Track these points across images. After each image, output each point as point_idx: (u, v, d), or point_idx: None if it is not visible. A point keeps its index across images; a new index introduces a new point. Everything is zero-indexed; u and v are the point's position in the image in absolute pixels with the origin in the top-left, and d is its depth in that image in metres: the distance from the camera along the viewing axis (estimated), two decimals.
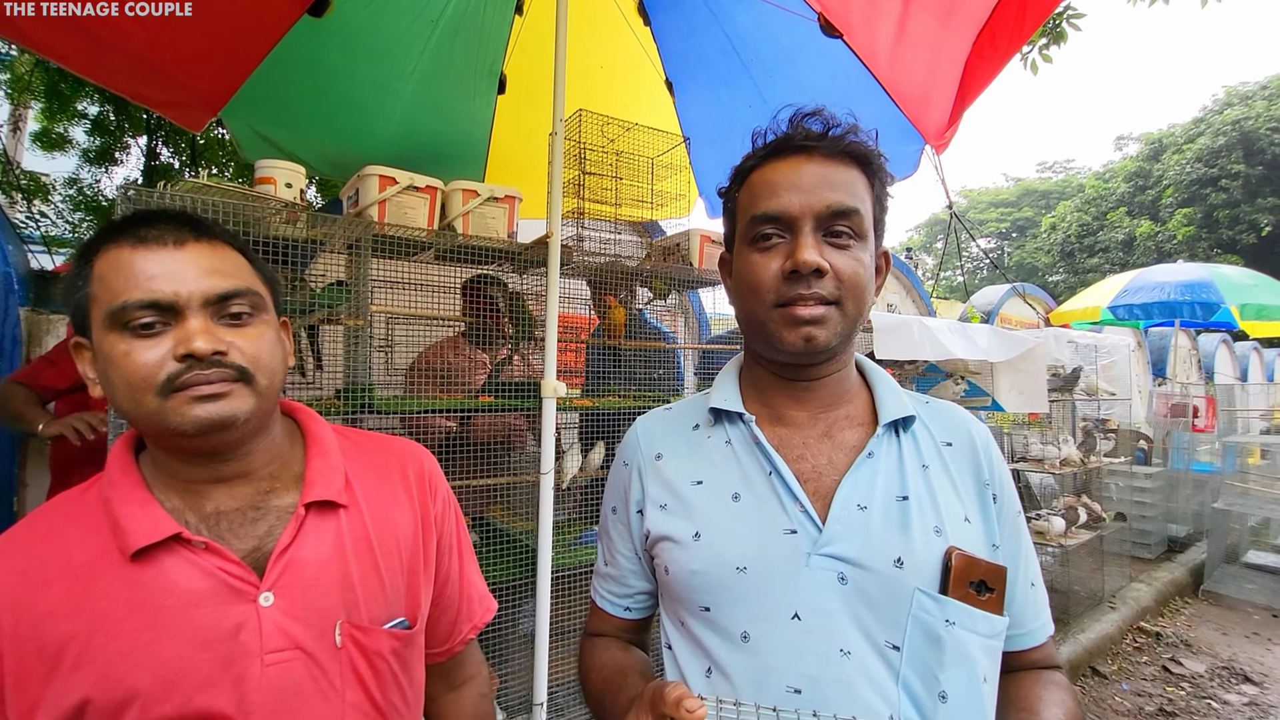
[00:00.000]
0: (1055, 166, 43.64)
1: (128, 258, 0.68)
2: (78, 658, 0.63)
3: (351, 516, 0.78)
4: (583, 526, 2.28)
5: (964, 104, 2.00)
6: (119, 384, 0.67)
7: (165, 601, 0.66)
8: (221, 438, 0.70)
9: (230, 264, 0.73)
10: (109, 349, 0.67)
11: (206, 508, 0.72)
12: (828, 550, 0.70)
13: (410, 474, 0.87)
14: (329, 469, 0.78)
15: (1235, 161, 23.79)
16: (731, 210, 0.83)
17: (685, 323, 3.97)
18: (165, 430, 0.67)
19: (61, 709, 0.62)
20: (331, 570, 0.74)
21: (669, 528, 0.78)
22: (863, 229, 0.74)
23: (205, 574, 0.68)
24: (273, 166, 1.71)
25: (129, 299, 0.66)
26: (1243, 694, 3.33)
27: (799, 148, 0.75)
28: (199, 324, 0.68)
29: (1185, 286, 6.30)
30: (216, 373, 0.68)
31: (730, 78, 2.43)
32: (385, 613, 0.78)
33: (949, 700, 0.66)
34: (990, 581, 0.70)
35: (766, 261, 0.74)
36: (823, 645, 0.68)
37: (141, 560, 0.66)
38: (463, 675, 0.95)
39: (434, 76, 2.40)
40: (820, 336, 0.72)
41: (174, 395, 0.66)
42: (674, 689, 0.56)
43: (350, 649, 0.74)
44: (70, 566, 0.66)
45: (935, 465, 0.77)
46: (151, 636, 0.65)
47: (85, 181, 6.65)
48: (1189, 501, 5.77)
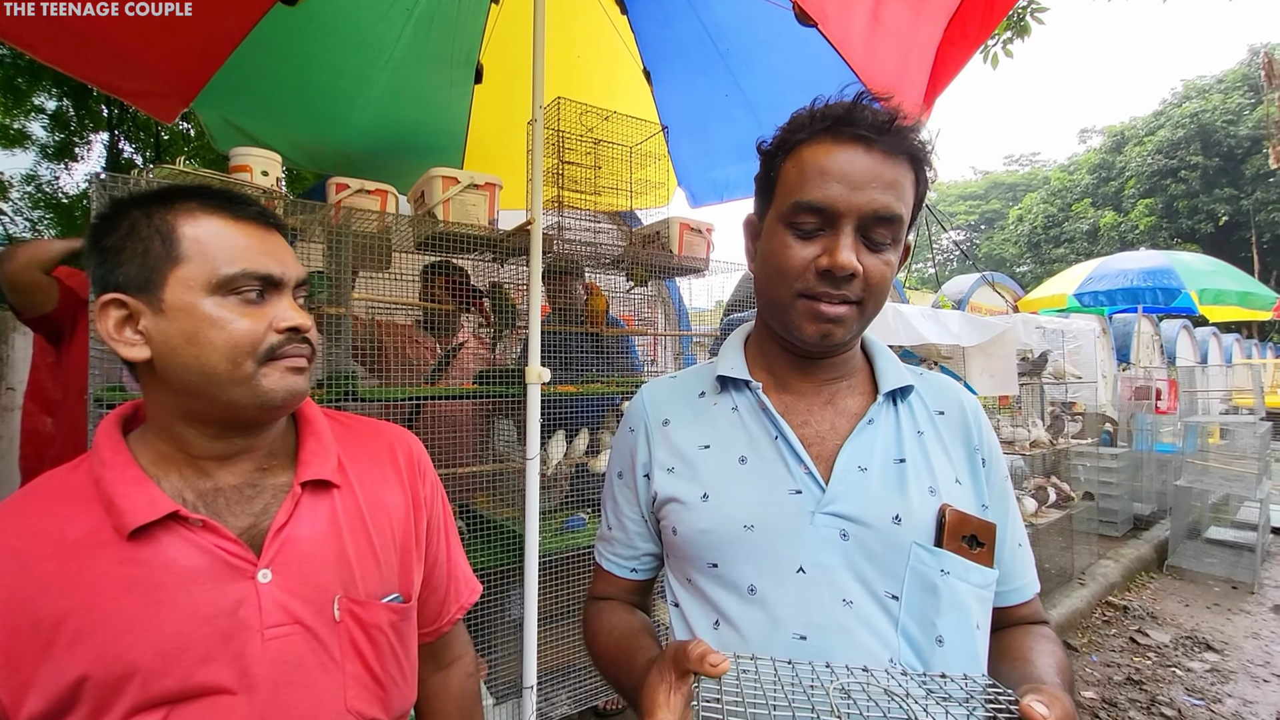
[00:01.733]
0: (1022, 159, 44.60)
1: (230, 229, 0.71)
2: (75, 634, 0.63)
3: (345, 495, 0.79)
4: (568, 513, 2.30)
5: (935, 92, 2.04)
6: (219, 345, 0.68)
7: (163, 579, 0.66)
8: (286, 410, 0.75)
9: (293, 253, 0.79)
10: (208, 311, 0.68)
11: (204, 485, 0.73)
12: (830, 509, 0.73)
13: (400, 457, 0.89)
14: (322, 449, 0.80)
15: (1194, 153, 24.58)
16: (771, 179, 0.79)
17: (664, 312, 4.00)
18: (253, 396, 0.70)
19: (59, 685, 0.62)
20: (328, 547, 0.75)
21: (677, 490, 0.81)
22: (900, 236, 0.74)
23: (203, 551, 0.68)
24: (248, 154, 1.69)
25: (246, 268, 0.70)
26: (1205, 661, 3.47)
27: (859, 135, 0.71)
28: (292, 302, 0.74)
29: (1147, 273, 6.52)
30: (306, 347, 0.74)
31: (707, 67, 2.45)
32: (381, 588, 0.79)
33: (945, 644, 0.70)
34: (981, 536, 0.74)
35: (801, 249, 0.73)
36: (826, 596, 0.71)
37: (138, 538, 0.66)
38: (450, 655, 0.98)
39: (409, 66, 2.38)
40: (837, 334, 0.74)
41: (270, 363, 0.71)
42: (696, 646, 0.58)
43: (349, 623, 0.75)
44: (64, 543, 0.66)
45: (929, 432, 0.81)
46: (151, 613, 0.65)
47: (44, 178, 6.44)
48: (1153, 481, 5.97)
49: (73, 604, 0.64)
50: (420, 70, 2.42)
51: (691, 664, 0.57)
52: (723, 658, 0.57)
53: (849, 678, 0.60)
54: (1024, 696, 0.55)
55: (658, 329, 3.70)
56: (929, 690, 0.59)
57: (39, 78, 5.50)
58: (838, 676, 0.60)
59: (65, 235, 6.52)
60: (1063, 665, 0.75)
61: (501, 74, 2.55)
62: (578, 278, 2.48)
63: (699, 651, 0.57)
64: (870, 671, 0.61)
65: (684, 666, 0.58)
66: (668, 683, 0.59)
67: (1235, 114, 24.08)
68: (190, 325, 0.68)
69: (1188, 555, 5.04)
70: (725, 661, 0.57)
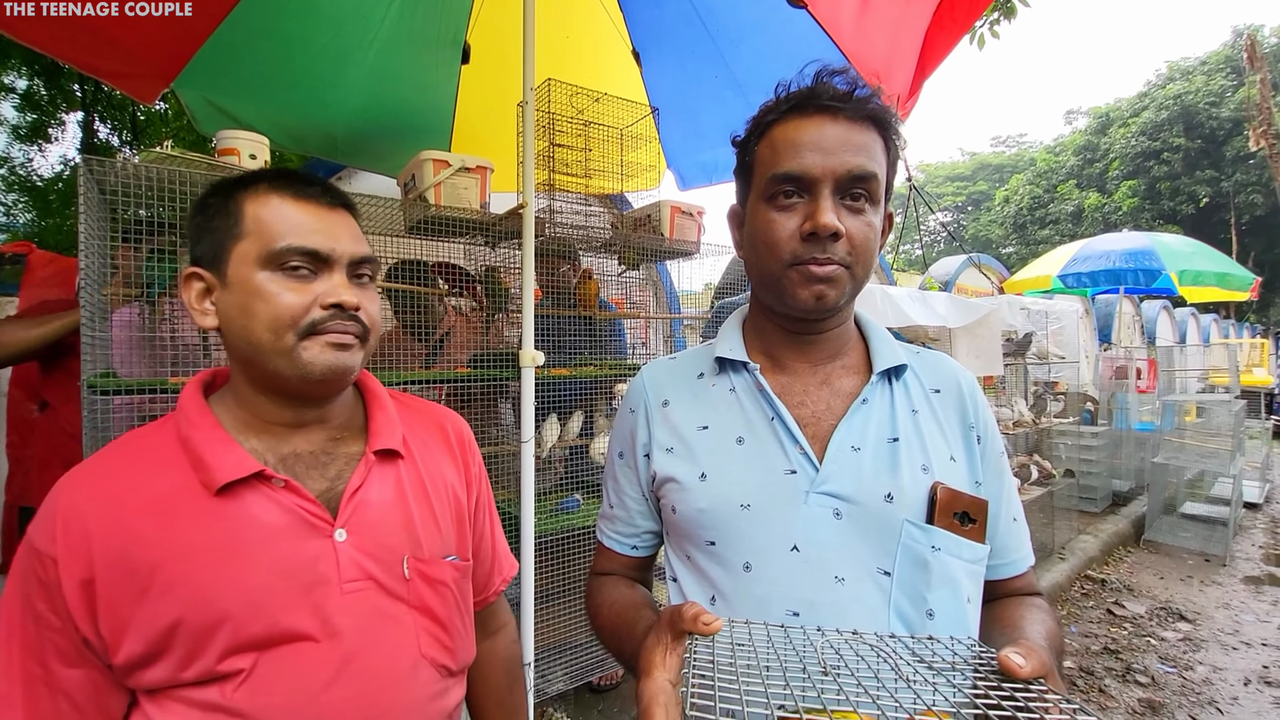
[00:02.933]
0: (1009, 140, 44.71)
1: (290, 207, 0.75)
2: (168, 582, 0.67)
3: (409, 465, 0.85)
4: (563, 494, 2.32)
5: (924, 74, 2.05)
6: (263, 316, 0.72)
7: (247, 534, 0.71)
8: (333, 385, 0.78)
9: (361, 234, 0.81)
10: (258, 284, 0.72)
11: (284, 449, 0.78)
12: (824, 488, 0.75)
13: (451, 435, 0.95)
14: (390, 422, 0.85)
15: (1176, 135, 24.76)
16: (748, 163, 0.82)
17: (655, 295, 4.01)
18: (293, 369, 0.73)
19: (155, 628, 0.67)
20: (396, 511, 0.81)
21: (676, 470, 0.83)
22: (877, 194, 0.76)
23: (285, 510, 0.73)
24: (235, 137, 1.67)
25: (292, 243, 0.73)
26: (1178, 630, 3.60)
27: (824, 107, 0.75)
28: (343, 278, 0.76)
29: (1129, 254, 6.61)
30: (353, 325, 0.76)
31: (696, 48, 2.43)
32: (442, 550, 0.85)
33: (935, 617, 0.72)
34: (972, 513, 0.76)
35: (784, 220, 0.76)
36: (819, 573, 0.73)
37: (224, 495, 0.71)
38: (496, 624, 1.04)
39: (395, 46, 2.34)
40: (831, 295, 0.76)
41: (311, 337, 0.73)
42: (690, 607, 0.60)
43: (417, 580, 0.80)
44: (154, 497, 0.70)
45: (924, 410, 0.82)
46: (237, 565, 0.70)
47: (16, 161, 6.28)
48: (1131, 458, 6.11)
49: (165, 554, 0.68)
50: (406, 51, 2.38)
51: (686, 624, 0.59)
52: (715, 618, 0.59)
53: (839, 640, 0.63)
54: (1002, 650, 0.56)
55: (649, 312, 3.71)
56: (914, 651, 0.61)
57: (7, 55, 5.33)
58: (828, 640, 0.63)
59: (39, 221, 6.36)
60: (1052, 632, 0.76)
61: (489, 55, 2.51)
62: (571, 261, 2.47)
63: (693, 613, 0.59)
64: (860, 635, 0.63)
65: (679, 628, 0.60)
66: (664, 644, 0.60)
67: (1218, 96, 24.25)
68: (243, 297, 0.73)
69: (1163, 530, 5.18)
70: (718, 621, 0.59)
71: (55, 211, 6.00)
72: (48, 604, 0.67)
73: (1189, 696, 2.92)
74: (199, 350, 1.72)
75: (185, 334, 1.71)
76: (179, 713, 0.68)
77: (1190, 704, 2.86)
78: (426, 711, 0.80)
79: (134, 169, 1.46)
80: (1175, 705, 2.85)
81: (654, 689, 0.57)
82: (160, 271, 1.60)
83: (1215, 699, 2.90)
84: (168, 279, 1.61)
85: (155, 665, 0.68)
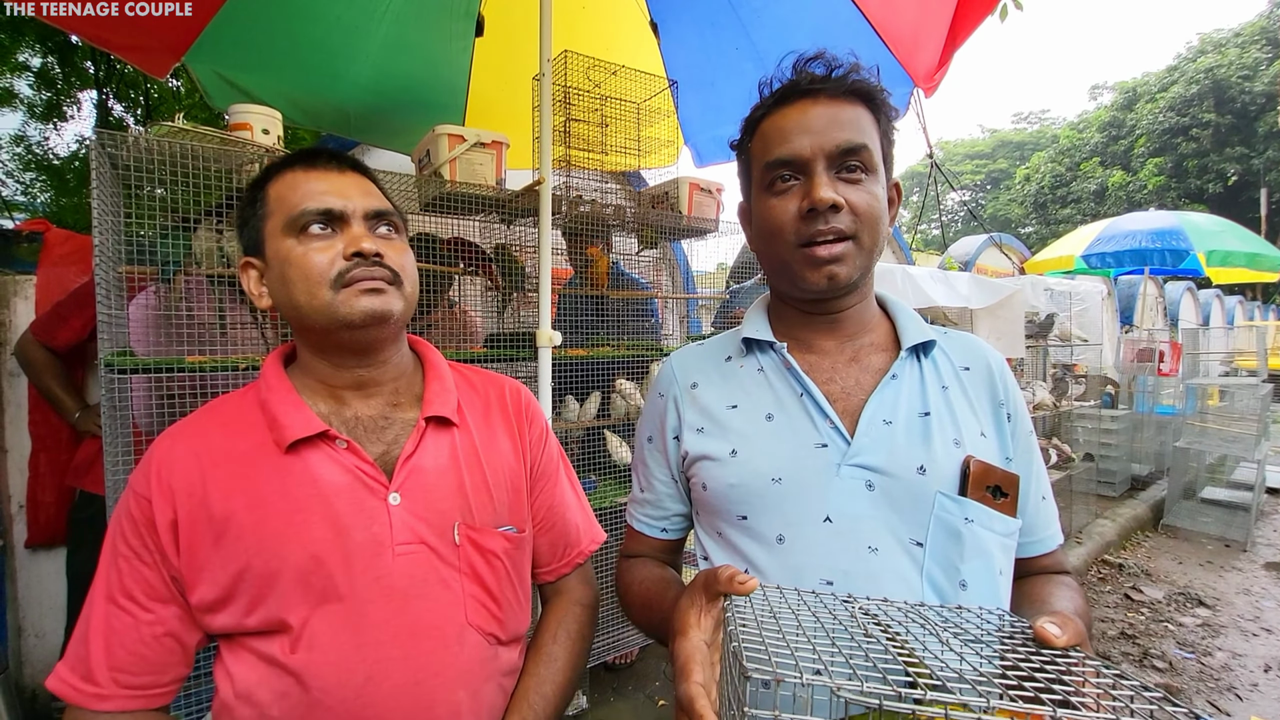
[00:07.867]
0: (1030, 117, 43.64)
1: (302, 178, 0.80)
2: (240, 530, 0.74)
3: (463, 434, 0.88)
4: (579, 476, 2.31)
5: (954, 45, 1.97)
6: (298, 280, 0.77)
7: (311, 490, 0.76)
8: (378, 332, 0.81)
9: (376, 190, 0.86)
10: (287, 251, 0.78)
11: (346, 413, 0.83)
12: (856, 460, 0.75)
13: (509, 404, 0.97)
14: (445, 391, 0.89)
15: (1206, 110, 24.01)
16: (746, 161, 0.86)
17: (670, 274, 3.96)
18: (334, 321, 0.78)
19: (227, 572, 0.74)
20: (449, 478, 0.83)
21: (707, 448, 0.84)
22: (873, 163, 0.77)
23: (345, 470, 0.78)
24: (248, 112, 1.64)
25: (306, 207, 0.78)
26: (1197, 616, 3.56)
27: (805, 92, 0.78)
28: (361, 230, 0.80)
29: (1156, 234, 6.42)
30: (379, 270, 0.79)
31: (716, 18, 2.36)
32: (494, 519, 0.87)
33: (968, 588, 0.73)
34: (1004, 487, 0.76)
35: (784, 204, 0.77)
36: (853, 544, 0.74)
37: (293, 453, 0.77)
38: (571, 598, 1.01)
39: (408, 18, 2.29)
40: (842, 274, 0.77)
41: (344, 289, 0.77)
42: (725, 569, 0.60)
43: (467, 547, 0.83)
44: (235, 453, 0.77)
45: (954, 386, 0.82)
46: (301, 519, 0.75)
47: (34, 139, 6.30)
48: (1151, 442, 6.02)
49: (240, 505, 0.75)
50: (420, 23, 2.33)
51: (721, 585, 0.60)
52: (750, 578, 0.60)
53: (872, 605, 0.63)
54: (1037, 619, 0.56)
55: (663, 291, 3.67)
56: (947, 619, 0.61)
57: (21, 33, 5.32)
58: (862, 606, 0.63)
59: (57, 200, 6.40)
60: (1081, 609, 0.77)
61: (504, 26, 2.45)
62: (600, 239, 2.42)
63: (728, 573, 0.60)
64: (890, 602, 0.64)
65: (715, 589, 0.60)
66: (698, 605, 0.61)
67: (1252, 69, 23.42)
68: (280, 268, 0.79)
69: (1183, 515, 5.11)
70: (753, 580, 0.59)
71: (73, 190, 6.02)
72: (143, 540, 0.75)
73: (1207, 683, 2.89)
74: (215, 329, 1.72)
75: (201, 312, 1.70)
76: (248, 663, 0.75)
77: (1209, 690, 2.83)
78: (477, 675, 0.81)
79: (146, 143, 1.44)
80: (1193, 691, 2.82)
81: (690, 647, 0.58)
82: (174, 250, 1.59)
83: (1234, 685, 2.86)
84: (182, 256, 1.60)
85: (224, 610, 0.74)
